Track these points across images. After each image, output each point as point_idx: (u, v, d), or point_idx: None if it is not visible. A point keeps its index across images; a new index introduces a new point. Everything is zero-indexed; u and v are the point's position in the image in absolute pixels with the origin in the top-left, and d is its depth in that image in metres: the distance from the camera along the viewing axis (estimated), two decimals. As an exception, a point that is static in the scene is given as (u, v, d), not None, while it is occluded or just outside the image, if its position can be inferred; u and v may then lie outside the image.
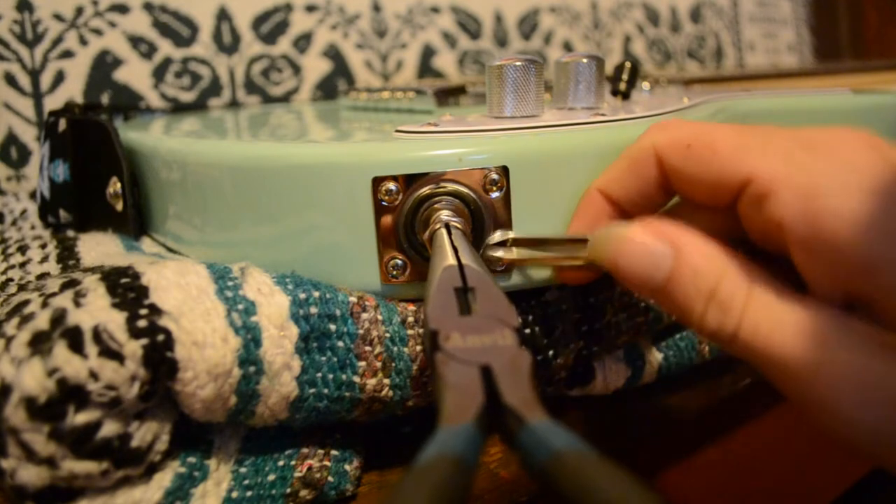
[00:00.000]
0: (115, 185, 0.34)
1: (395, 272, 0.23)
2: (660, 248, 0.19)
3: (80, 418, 0.18)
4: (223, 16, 0.59)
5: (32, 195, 0.47)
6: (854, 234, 0.16)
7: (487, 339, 0.17)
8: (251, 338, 0.20)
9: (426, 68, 0.69)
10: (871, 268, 0.16)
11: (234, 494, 0.21)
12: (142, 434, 0.19)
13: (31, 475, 0.18)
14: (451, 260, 0.20)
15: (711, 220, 0.21)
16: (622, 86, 0.34)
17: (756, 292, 0.18)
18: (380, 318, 0.23)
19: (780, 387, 0.18)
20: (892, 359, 0.16)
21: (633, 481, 0.12)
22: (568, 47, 0.77)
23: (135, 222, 0.33)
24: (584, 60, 0.29)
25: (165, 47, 0.56)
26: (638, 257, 0.19)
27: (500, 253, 0.23)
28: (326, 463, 0.22)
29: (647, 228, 0.19)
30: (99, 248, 0.32)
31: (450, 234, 0.22)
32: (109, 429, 0.19)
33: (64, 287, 0.21)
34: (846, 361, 0.16)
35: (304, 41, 0.63)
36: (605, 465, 0.12)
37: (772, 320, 0.17)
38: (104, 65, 0.54)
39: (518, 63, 0.26)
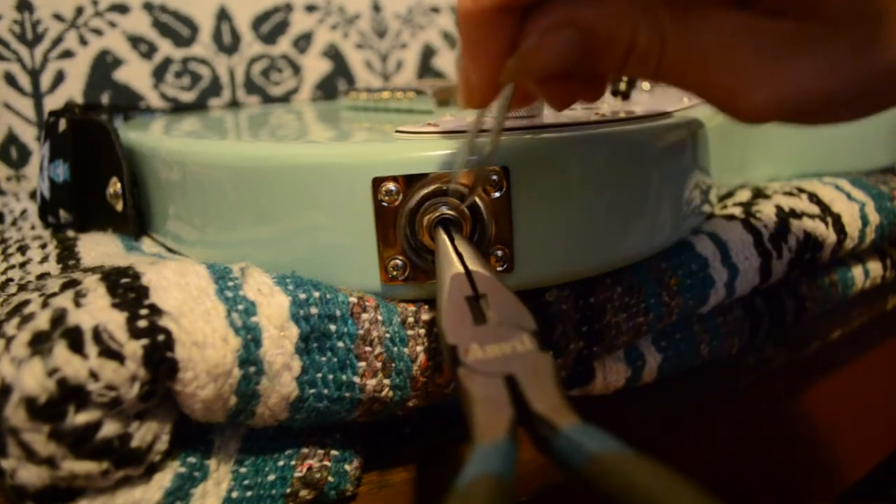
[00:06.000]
0: (115, 186, 0.34)
1: (395, 272, 0.23)
2: (566, 35, 0.19)
3: (81, 418, 0.18)
4: (223, 16, 0.59)
5: (32, 195, 0.47)
6: None
7: (507, 347, 0.17)
8: (251, 338, 0.20)
9: (426, 68, 0.69)
10: None
11: (234, 494, 0.21)
12: (142, 434, 0.19)
13: (31, 475, 0.18)
14: (458, 267, 0.20)
15: None
16: (622, 86, 0.34)
17: (670, 33, 0.19)
18: (380, 318, 0.23)
19: (704, 98, 0.20)
20: (794, 51, 0.18)
21: (675, 477, 0.12)
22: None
23: (135, 222, 0.33)
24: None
25: (165, 47, 0.56)
26: (548, 56, 0.19)
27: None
28: (326, 463, 0.22)
29: (542, 28, 0.19)
30: (99, 248, 0.32)
31: (451, 238, 0.21)
32: (109, 429, 0.19)
33: (64, 287, 0.21)
34: (764, 70, 0.19)
35: (304, 41, 0.63)
36: (644, 463, 0.12)
37: (690, 51, 0.19)
38: (104, 65, 0.54)
39: (518, 63, 0.25)
